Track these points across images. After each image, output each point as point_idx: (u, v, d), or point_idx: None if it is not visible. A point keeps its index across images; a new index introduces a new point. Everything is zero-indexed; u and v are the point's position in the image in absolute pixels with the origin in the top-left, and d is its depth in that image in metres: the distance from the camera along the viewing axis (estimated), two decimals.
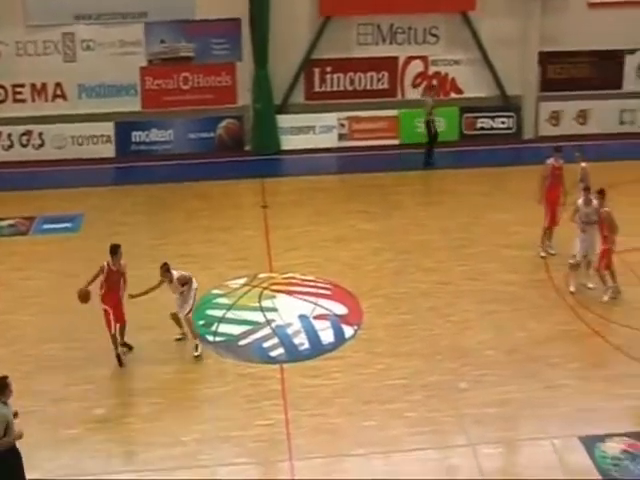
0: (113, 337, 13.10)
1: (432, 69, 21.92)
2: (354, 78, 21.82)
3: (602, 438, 11.65)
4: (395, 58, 21.84)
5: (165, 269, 13.26)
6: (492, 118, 21.89)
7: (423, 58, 21.88)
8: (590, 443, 11.57)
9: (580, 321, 14.09)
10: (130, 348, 13.42)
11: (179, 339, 13.62)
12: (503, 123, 22.08)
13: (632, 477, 11.09)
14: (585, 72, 22.39)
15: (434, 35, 21.90)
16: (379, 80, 21.93)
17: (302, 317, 14.06)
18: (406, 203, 18.64)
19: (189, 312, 13.44)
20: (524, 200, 17.49)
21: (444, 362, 13.16)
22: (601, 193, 14.45)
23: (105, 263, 12.97)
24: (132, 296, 13.15)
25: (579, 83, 22.22)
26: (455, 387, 12.61)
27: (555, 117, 22.28)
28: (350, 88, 21.83)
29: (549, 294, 14.98)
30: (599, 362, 13.25)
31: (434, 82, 21.69)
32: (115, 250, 13.01)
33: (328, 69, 21.72)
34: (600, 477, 11.01)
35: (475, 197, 18.70)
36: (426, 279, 15.40)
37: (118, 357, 13.09)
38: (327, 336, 13.69)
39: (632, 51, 22.47)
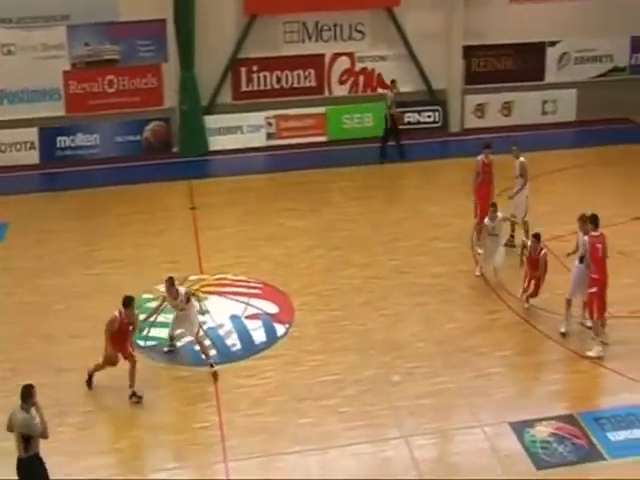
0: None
1: (359, 65, 22.11)
2: (281, 76, 21.85)
3: (531, 423, 11.89)
4: (321, 55, 21.93)
5: (170, 283, 12.59)
6: (419, 112, 22.19)
7: (349, 55, 22.04)
8: (520, 428, 11.81)
9: (508, 310, 14.33)
10: (139, 398, 12.36)
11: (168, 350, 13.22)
12: (429, 117, 22.42)
13: (560, 459, 11.35)
14: (508, 65, 22.87)
15: (360, 32, 22.05)
16: (306, 78, 22.00)
17: (234, 317, 14.05)
18: (336, 199, 18.80)
19: (199, 331, 12.94)
20: (454, 192, 17.75)
21: (377, 356, 13.25)
22: (536, 237, 14.03)
23: (117, 313, 12.23)
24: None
25: (503, 76, 22.70)
26: (388, 380, 12.72)
27: (480, 110, 22.71)
28: (277, 86, 21.87)
29: (478, 285, 15.21)
30: (527, 349, 13.49)
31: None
32: (129, 303, 12.27)
33: (255, 68, 21.69)
34: (530, 461, 11.27)
35: (405, 191, 18.98)
36: (358, 274, 15.49)
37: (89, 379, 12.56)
38: (259, 335, 13.70)
39: (553, 43, 23.01)
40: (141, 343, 13.53)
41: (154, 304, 14.25)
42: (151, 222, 17.56)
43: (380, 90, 22.14)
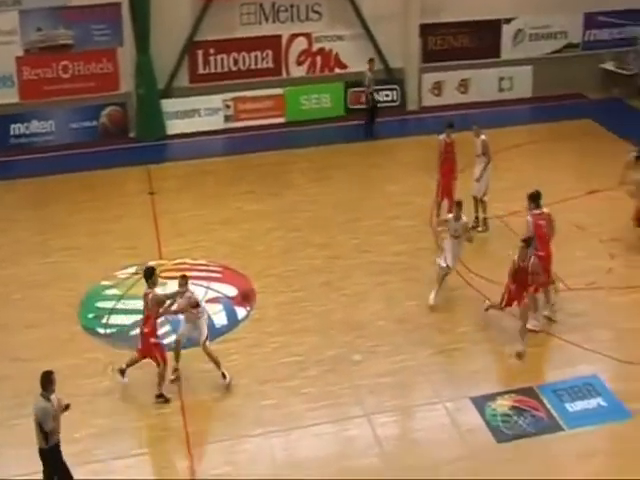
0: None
1: (316, 46, 21.93)
2: (238, 58, 21.64)
3: (492, 397, 12.07)
4: (279, 37, 21.76)
5: (185, 281, 12.16)
6: (376, 92, 21.94)
7: (307, 35, 21.88)
8: (481, 403, 11.98)
9: (468, 286, 14.45)
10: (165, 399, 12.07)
11: (173, 380, 12.33)
12: (387, 96, 22.30)
13: (520, 432, 11.54)
14: (465, 42, 22.83)
15: (317, 12, 21.89)
16: (263, 59, 21.81)
17: None
18: (295, 181, 18.74)
19: (206, 340, 12.30)
20: (413, 171, 17.78)
21: (338, 336, 13.31)
22: (525, 242, 12.96)
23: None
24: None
25: (459, 53, 22.66)
26: (350, 360, 12.80)
27: (437, 87, 22.70)
28: (235, 69, 21.63)
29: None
30: (487, 325, 13.58)
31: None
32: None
33: (212, 51, 21.45)
34: (490, 434, 11.43)
35: (365, 170, 18.93)
36: (318, 255, 15.50)
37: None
38: (220, 319, 13.70)
39: (508, 20, 23.03)
40: (101, 331, 13.47)
41: (114, 291, 14.21)
42: (108, 208, 17.35)
43: (337, 70, 22.14)
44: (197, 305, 12.23)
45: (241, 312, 13.90)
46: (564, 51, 23.57)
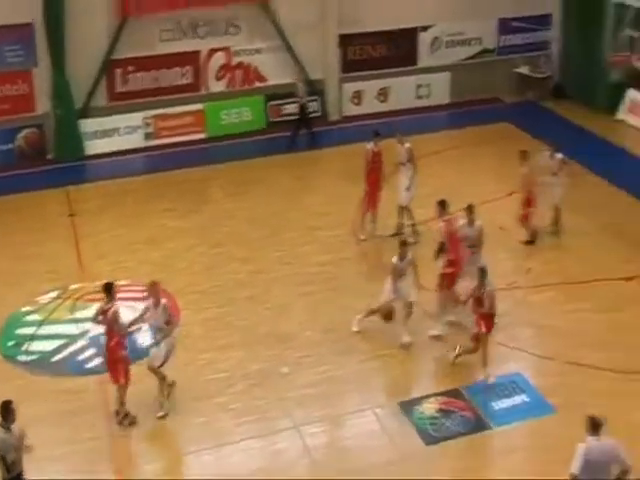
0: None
1: (235, 60, 21.85)
2: (157, 75, 21.42)
3: (419, 401, 12.23)
4: (198, 52, 21.65)
5: (155, 287, 11.72)
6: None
7: (226, 50, 21.78)
8: (409, 407, 12.13)
9: None
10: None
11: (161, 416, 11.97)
12: (309, 107, 22.38)
13: (448, 433, 11.71)
14: (383, 51, 23.01)
15: (235, 26, 21.83)
16: (183, 75, 21.66)
17: None
18: (216, 196, 18.62)
19: (162, 364, 11.80)
20: (334, 180, 17.85)
21: (264, 350, 13.30)
22: (483, 271, 12.67)
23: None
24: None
25: (378, 62, 22.81)
26: (277, 373, 12.80)
27: (357, 97, 22.81)
28: (154, 86, 21.37)
29: (362, 270, 15.47)
30: (414, 329, 13.61)
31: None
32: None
33: (130, 68, 21.21)
34: (419, 438, 11.56)
35: (287, 182, 18.90)
36: (241, 269, 15.46)
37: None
38: (146, 339, 13.55)
39: (425, 28, 23.34)
40: (22, 359, 13.17)
41: (35, 317, 13.92)
42: (28, 232, 16.97)
43: (257, 83, 22.11)
44: (169, 322, 11.87)
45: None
46: (480, 57, 23.97)
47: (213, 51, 21.75)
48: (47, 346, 13.25)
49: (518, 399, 12.26)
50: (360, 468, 11.06)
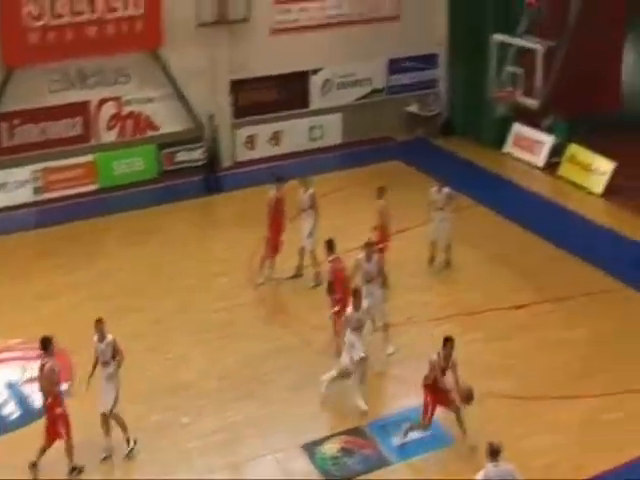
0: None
1: (126, 109, 21.74)
2: (46, 127, 21.08)
3: (321, 442, 12.25)
4: (87, 102, 21.45)
5: (100, 323, 12.05)
6: (190, 150, 22.06)
7: (116, 99, 21.66)
8: (311, 449, 12.14)
9: (290, 335, 14.67)
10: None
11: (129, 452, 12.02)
12: (201, 154, 22.33)
13: (349, 472, 11.76)
14: (274, 95, 23.24)
15: (125, 75, 21.69)
16: (73, 126, 21.40)
17: (10, 385, 13.46)
18: (110, 247, 18.38)
19: (115, 405, 11.93)
20: (228, 227, 17.87)
21: (164, 400, 13.12)
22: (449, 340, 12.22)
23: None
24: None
25: (270, 106, 23.01)
26: (177, 423, 12.63)
27: (250, 142, 22.92)
28: (43, 138, 20.99)
29: (258, 315, 15.46)
30: (312, 371, 13.69)
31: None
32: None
33: (17, 122, 20.83)
34: (322, 479, 11.57)
35: (182, 230, 18.73)
36: (139, 320, 15.21)
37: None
38: (39, 399, 13.14)
39: (316, 71, 23.74)
40: None
41: None
42: None
43: (149, 132, 22.02)
44: (115, 356, 12.02)
45: (62, 387, 13.36)
46: (370, 97, 24.50)
47: (103, 101, 21.55)
48: None
49: (418, 433, 12.42)
50: None
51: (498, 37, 21.72)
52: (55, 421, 11.48)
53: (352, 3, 23.61)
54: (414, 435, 12.15)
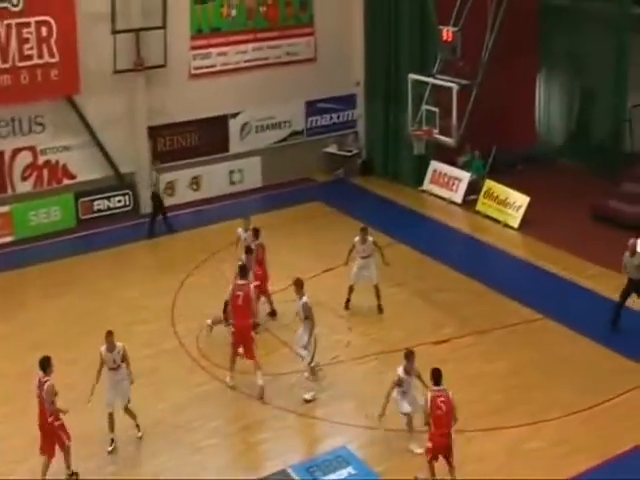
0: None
1: (42, 159, 21.39)
2: None
3: None
4: (1, 152, 21.01)
5: (109, 335, 13.08)
6: (108, 198, 21.94)
7: (31, 149, 21.31)
8: None
9: (214, 380, 14.55)
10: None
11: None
12: (120, 202, 22.17)
13: None
14: (194, 140, 23.27)
15: (40, 124, 21.40)
16: None
17: None
18: (30, 300, 17.93)
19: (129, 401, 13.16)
20: (149, 274, 17.72)
21: (92, 451, 12.81)
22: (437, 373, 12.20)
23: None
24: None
25: (189, 151, 23.04)
26: (105, 472, 12.42)
27: (170, 187, 22.81)
28: None
29: (183, 361, 15.28)
30: (237, 415, 13.77)
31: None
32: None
33: None
34: None
35: (101, 279, 18.43)
36: (65, 371, 14.40)
37: None
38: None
39: (234, 115, 23.88)
40: None
41: None
42: None
43: (66, 181, 21.72)
44: (123, 360, 13.10)
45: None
46: (289, 139, 24.76)
47: (17, 150, 21.21)
48: None
49: (344, 472, 12.38)
50: None
51: (414, 76, 22.25)
52: (55, 432, 12.30)
53: (269, 46, 23.98)
54: (341, 473, 12.21)
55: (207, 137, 23.40)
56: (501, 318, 16.47)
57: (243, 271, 14.69)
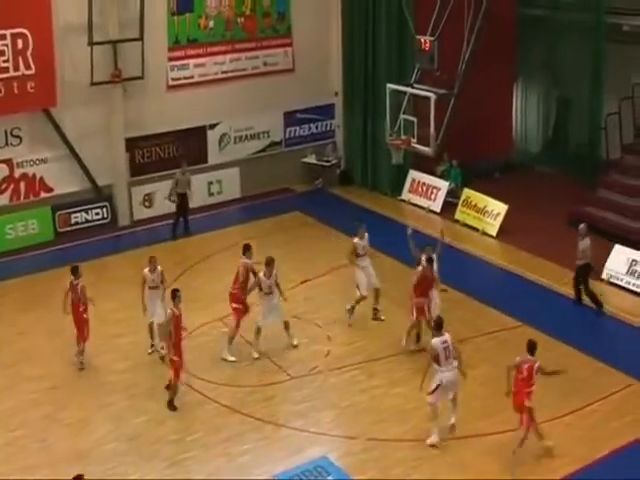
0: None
1: (18, 171, 21.22)
2: None
3: None
4: None
5: (152, 261, 15.60)
6: (86, 211, 21.82)
7: (7, 161, 21.12)
8: None
9: (192, 391, 14.45)
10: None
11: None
12: (98, 214, 22.06)
13: None
14: (172, 151, 23.18)
15: (16, 136, 21.21)
16: None
17: None
18: (7, 313, 17.64)
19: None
20: (127, 286, 17.56)
21: (65, 469, 12.53)
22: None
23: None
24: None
25: (168, 163, 22.87)
26: None
27: (148, 199, 22.77)
28: None
29: (161, 373, 14.95)
30: (216, 427, 13.64)
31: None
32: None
33: None
34: None
35: None
36: (36, 388, 14.74)
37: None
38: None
39: (213, 126, 23.82)
40: None
41: None
42: None
43: (43, 194, 21.54)
44: (162, 281, 15.83)
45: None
46: (268, 149, 24.76)
47: None
48: None
49: None
50: None
51: (392, 86, 22.30)
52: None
53: (247, 57, 23.96)
54: None
55: (185, 148, 23.27)
56: (480, 325, 16.52)
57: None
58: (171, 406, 14.04)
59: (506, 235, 20.58)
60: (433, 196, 23.07)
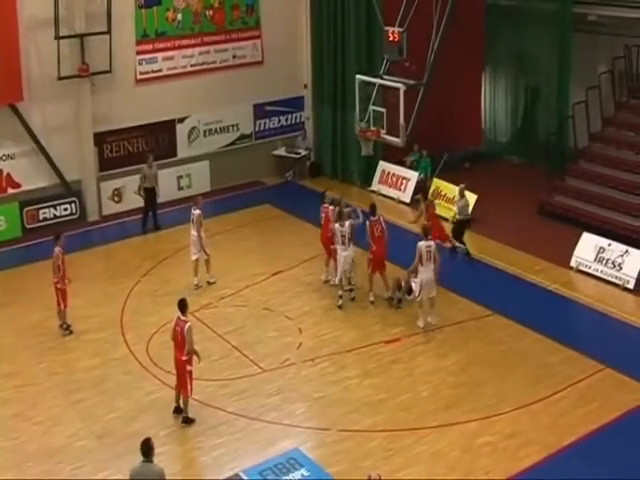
0: None
1: None
2: None
3: None
4: None
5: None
6: (54, 207, 21.60)
7: None
8: None
9: (165, 387, 14.33)
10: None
11: None
12: (66, 210, 21.83)
13: None
14: (141, 146, 22.98)
15: None
16: None
17: None
18: None
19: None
20: (96, 282, 17.48)
21: (35, 467, 12.56)
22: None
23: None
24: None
25: (137, 157, 22.64)
26: None
27: (117, 194, 22.57)
28: None
29: (132, 369, 15.08)
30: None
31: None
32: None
33: None
34: None
35: (46, 289, 17.59)
36: (5, 385, 14.60)
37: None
38: None
39: (182, 119, 23.67)
40: None
41: None
42: None
43: (10, 190, 21.25)
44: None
45: None
46: (238, 142, 24.66)
47: None
48: None
49: (297, 474, 12.32)
50: None
51: (361, 77, 22.25)
52: (186, 372, 13.36)
53: (216, 50, 23.86)
54: (294, 475, 12.15)
55: (155, 142, 23.13)
56: (451, 315, 16.59)
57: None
58: (188, 420, 13.58)
59: (476, 224, 20.67)
60: (403, 187, 23.13)
